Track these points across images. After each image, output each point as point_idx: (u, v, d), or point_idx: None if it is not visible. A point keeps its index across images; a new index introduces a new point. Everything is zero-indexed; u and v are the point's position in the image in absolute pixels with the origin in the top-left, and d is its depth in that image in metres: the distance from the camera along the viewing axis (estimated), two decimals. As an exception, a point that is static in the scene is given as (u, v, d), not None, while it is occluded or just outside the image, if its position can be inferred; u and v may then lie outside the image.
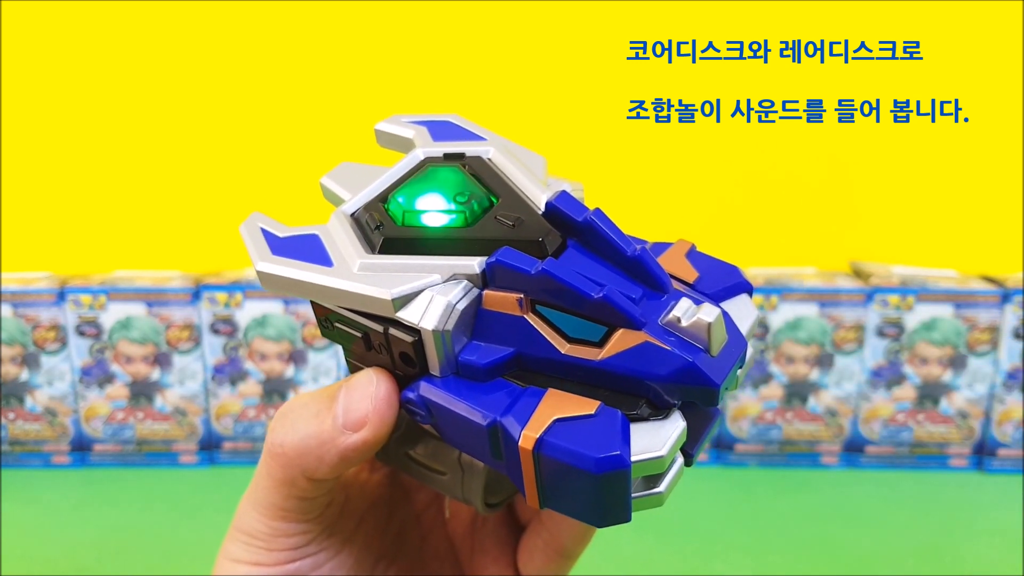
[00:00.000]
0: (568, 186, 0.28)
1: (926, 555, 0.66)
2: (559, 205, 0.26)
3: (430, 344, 0.25)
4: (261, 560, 0.30)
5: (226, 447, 0.79)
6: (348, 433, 0.26)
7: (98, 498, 0.75)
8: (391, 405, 0.27)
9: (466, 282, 0.25)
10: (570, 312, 0.24)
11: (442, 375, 0.26)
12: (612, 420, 0.23)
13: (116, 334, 0.76)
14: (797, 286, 0.76)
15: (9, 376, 0.77)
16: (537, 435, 0.23)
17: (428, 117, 0.32)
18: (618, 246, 0.25)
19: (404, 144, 0.31)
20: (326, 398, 0.27)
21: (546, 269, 0.24)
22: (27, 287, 0.76)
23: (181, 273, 0.80)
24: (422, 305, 0.25)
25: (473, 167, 0.29)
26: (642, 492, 0.25)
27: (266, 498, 0.29)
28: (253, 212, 0.28)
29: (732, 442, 0.78)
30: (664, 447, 0.23)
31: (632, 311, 0.24)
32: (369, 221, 0.27)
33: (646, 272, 0.25)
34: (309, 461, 0.27)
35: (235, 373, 0.77)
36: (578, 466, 0.23)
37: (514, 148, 0.30)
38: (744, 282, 0.28)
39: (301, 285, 0.26)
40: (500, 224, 0.26)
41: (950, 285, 0.76)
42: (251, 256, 0.27)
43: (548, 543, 0.34)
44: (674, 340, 0.24)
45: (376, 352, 0.27)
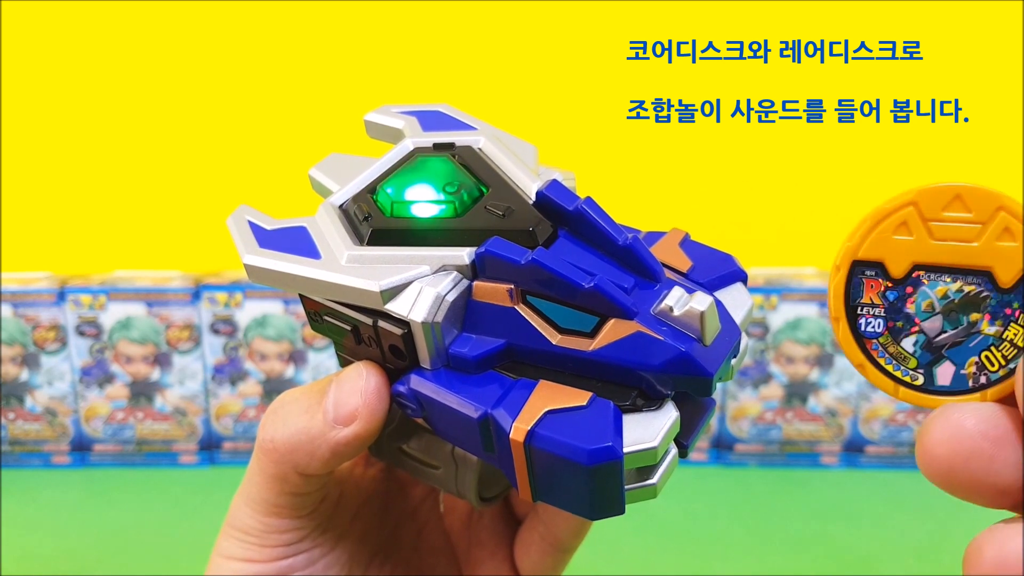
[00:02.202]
0: (559, 175, 0.28)
1: (926, 555, 0.66)
2: (550, 194, 0.26)
3: (420, 336, 0.25)
4: (254, 557, 0.30)
5: (226, 447, 0.79)
6: (339, 428, 0.26)
7: (98, 498, 0.75)
8: (381, 399, 0.26)
9: (456, 273, 0.25)
10: (561, 302, 0.24)
11: (432, 368, 0.26)
12: (604, 411, 0.23)
13: (116, 334, 0.76)
14: (797, 286, 0.76)
15: (9, 376, 0.77)
16: (528, 427, 0.23)
17: (418, 107, 0.32)
18: (609, 235, 0.25)
19: (394, 135, 0.31)
20: (316, 393, 0.27)
21: (536, 259, 0.24)
22: (27, 287, 0.76)
23: (181, 273, 0.80)
24: (411, 297, 0.24)
25: (463, 157, 0.29)
26: (635, 484, 0.24)
27: (259, 494, 0.29)
28: (241, 204, 0.28)
29: (732, 442, 0.78)
30: (657, 438, 0.23)
31: (624, 300, 0.24)
32: (357, 212, 0.27)
33: (638, 261, 0.25)
34: (300, 456, 0.27)
35: (235, 373, 0.77)
36: (570, 458, 0.23)
37: (505, 137, 0.30)
38: (739, 270, 0.28)
39: (288, 278, 0.26)
40: (490, 214, 0.26)
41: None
42: (238, 249, 0.26)
43: (544, 537, 0.34)
44: (667, 330, 0.24)
45: (366, 345, 0.26)
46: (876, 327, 0.23)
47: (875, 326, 0.23)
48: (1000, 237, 0.22)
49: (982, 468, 0.20)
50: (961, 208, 0.22)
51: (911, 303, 0.23)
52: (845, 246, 0.23)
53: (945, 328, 0.23)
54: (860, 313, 0.23)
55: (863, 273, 0.23)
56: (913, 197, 0.23)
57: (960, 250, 0.22)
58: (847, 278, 0.23)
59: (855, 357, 0.23)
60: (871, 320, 0.23)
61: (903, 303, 0.23)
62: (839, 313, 0.23)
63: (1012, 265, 0.22)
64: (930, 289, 0.23)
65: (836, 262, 0.23)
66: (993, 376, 0.22)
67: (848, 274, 0.23)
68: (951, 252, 0.22)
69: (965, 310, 0.23)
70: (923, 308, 0.23)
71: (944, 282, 0.23)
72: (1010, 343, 0.22)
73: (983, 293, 0.22)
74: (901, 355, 0.23)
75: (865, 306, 0.23)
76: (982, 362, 0.23)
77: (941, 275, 0.23)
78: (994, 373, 0.22)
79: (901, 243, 0.23)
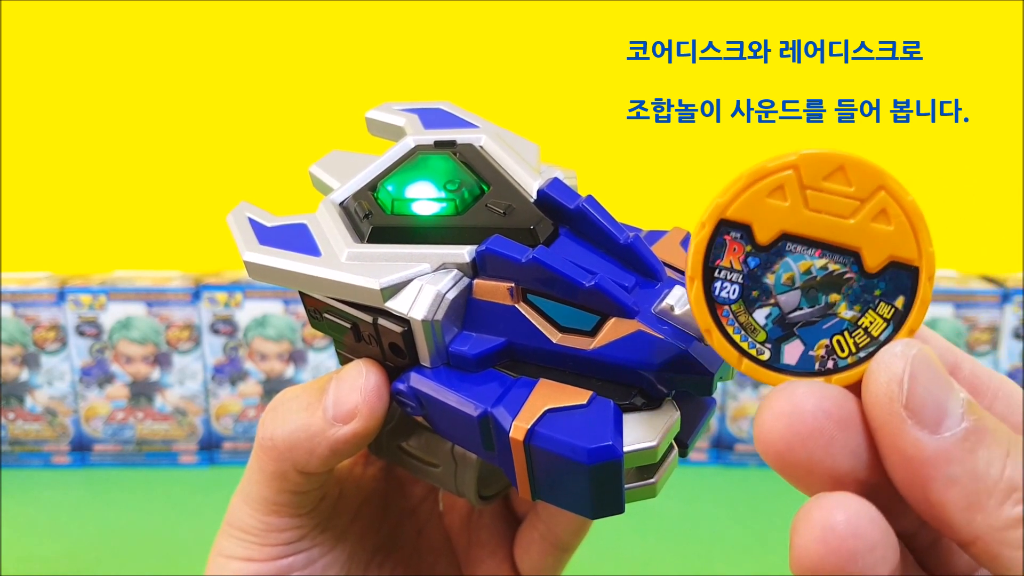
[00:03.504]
0: (561, 173, 0.28)
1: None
2: (551, 192, 0.26)
3: (420, 334, 0.25)
4: (254, 556, 0.29)
5: (226, 447, 0.79)
6: (338, 425, 0.26)
7: (98, 498, 0.74)
8: (381, 397, 0.26)
9: (456, 271, 0.25)
10: (561, 301, 0.24)
11: (433, 366, 0.25)
12: (604, 410, 0.23)
13: (116, 334, 0.76)
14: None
15: (9, 376, 0.77)
16: (528, 426, 0.23)
17: (420, 105, 0.32)
18: (611, 234, 0.25)
19: (395, 132, 0.31)
20: (316, 390, 0.27)
21: (536, 257, 0.24)
22: (27, 287, 0.76)
23: (181, 273, 0.80)
24: (411, 295, 0.24)
25: (464, 155, 0.28)
26: (635, 483, 0.24)
27: (258, 493, 0.29)
28: (242, 202, 0.28)
29: (732, 442, 0.78)
30: (657, 438, 0.23)
31: (624, 299, 0.24)
32: (358, 210, 0.27)
33: (639, 260, 0.25)
34: (300, 454, 0.27)
35: (235, 373, 0.77)
36: (570, 457, 0.22)
37: (507, 135, 0.30)
38: None
39: (288, 275, 0.26)
40: (491, 212, 0.26)
41: (950, 285, 0.75)
42: (238, 246, 0.26)
43: (544, 536, 0.34)
44: (667, 329, 0.24)
45: (366, 343, 0.26)
46: (730, 293, 0.22)
47: (729, 292, 0.21)
48: (876, 218, 0.21)
49: (820, 449, 0.19)
50: (843, 181, 0.21)
51: (771, 274, 0.21)
52: (715, 202, 0.22)
53: (802, 305, 0.21)
54: (717, 276, 0.21)
55: (728, 233, 0.21)
56: (795, 160, 0.21)
57: (833, 225, 0.21)
58: (710, 236, 0.22)
59: (704, 321, 0.21)
60: (727, 285, 0.22)
61: (763, 272, 0.21)
62: (696, 272, 0.22)
63: (881, 250, 0.21)
64: (794, 261, 0.21)
65: (702, 218, 0.22)
66: (841, 362, 0.21)
67: (712, 232, 0.22)
68: (823, 225, 0.21)
69: (825, 289, 0.21)
70: (783, 281, 0.21)
71: (810, 256, 0.21)
72: (864, 331, 0.21)
73: (847, 275, 0.21)
74: (751, 326, 0.21)
75: (723, 269, 0.21)
76: (832, 346, 0.21)
77: (808, 248, 0.21)
78: (843, 359, 0.21)
79: (773, 207, 0.21)
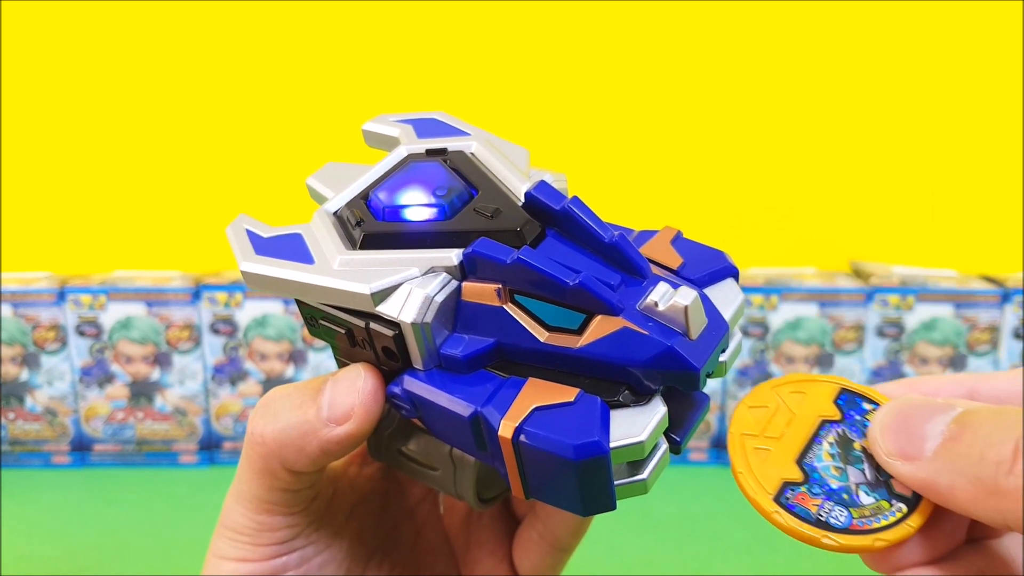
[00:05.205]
0: (550, 176, 0.28)
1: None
2: (537, 195, 0.26)
3: (410, 337, 0.25)
4: (248, 556, 0.29)
5: (226, 447, 0.79)
6: (332, 426, 0.26)
7: (98, 498, 0.75)
8: (377, 399, 0.27)
9: (444, 274, 0.25)
10: (548, 300, 0.24)
11: (425, 368, 0.26)
12: (591, 407, 0.23)
13: (116, 334, 0.76)
14: (797, 286, 0.75)
15: (9, 376, 0.77)
16: (516, 424, 0.23)
17: (414, 115, 0.32)
18: (596, 233, 0.25)
19: (391, 143, 0.31)
20: (311, 390, 0.27)
21: (521, 258, 0.24)
22: (27, 287, 0.76)
23: (181, 273, 0.80)
24: (401, 298, 0.25)
25: (454, 161, 0.29)
26: (625, 479, 0.25)
27: (249, 491, 0.29)
28: (240, 214, 0.28)
29: (732, 442, 0.78)
30: (644, 432, 0.23)
31: (609, 297, 0.24)
32: (350, 218, 0.28)
33: (624, 258, 0.25)
34: (289, 452, 0.27)
35: (235, 373, 0.77)
36: (557, 453, 0.23)
37: (497, 142, 0.30)
38: (730, 266, 0.28)
39: (283, 283, 0.26)
40: (479, 216, 0.26)
41: (950, 285, 0.75)
42: (236, 256, 0.27)
43: (543, 536, 0.34)
44: (652, 325, 0.24)
45: (361, 348, 0.27)
46: (839, 518, 0.24)
47: (837, 516, 0.24)
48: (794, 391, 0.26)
49: None
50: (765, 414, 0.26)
51: (829, 478, 0.24)
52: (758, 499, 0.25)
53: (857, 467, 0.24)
54: (822, 518, 0.24)
55: (791, 490, 0.24)
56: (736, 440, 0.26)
57: (792, 425, 0.25)
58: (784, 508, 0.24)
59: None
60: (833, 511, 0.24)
61: (824, 480, 0.24)
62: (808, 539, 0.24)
63: (825, 399, 0.26)
64: (819, 463, 0.25)
65: (766, 508, 0.24)
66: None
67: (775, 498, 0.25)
68: (790, 433, 0.25)
69: (847, 448, 0.25)
70: (832, 472, 0.24)
71: (820, 447, 0.25)
72: None
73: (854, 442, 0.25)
74: (879, 509, 0.24)
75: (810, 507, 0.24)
76: None
77: (820, 445, 0.25)
78: None
79: (766, 462, 0.25)
